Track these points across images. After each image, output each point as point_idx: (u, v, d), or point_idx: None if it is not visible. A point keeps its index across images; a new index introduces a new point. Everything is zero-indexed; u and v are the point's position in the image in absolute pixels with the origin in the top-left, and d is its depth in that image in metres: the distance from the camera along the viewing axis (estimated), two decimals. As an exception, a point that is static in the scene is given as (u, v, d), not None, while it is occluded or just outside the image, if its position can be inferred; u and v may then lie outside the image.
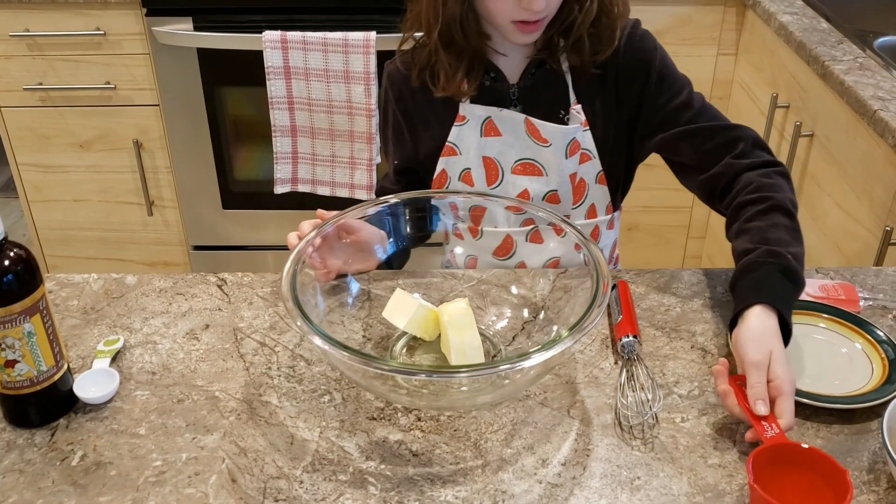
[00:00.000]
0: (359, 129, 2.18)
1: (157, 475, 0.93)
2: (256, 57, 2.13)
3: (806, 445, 0.91)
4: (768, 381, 0.97)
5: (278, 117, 2.18)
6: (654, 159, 2.34)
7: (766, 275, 1.06)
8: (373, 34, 2.08)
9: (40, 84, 2.30)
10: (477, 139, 1.31)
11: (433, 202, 1.25)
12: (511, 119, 1.29)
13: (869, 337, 1.09)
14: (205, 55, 2.25)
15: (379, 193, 1.45)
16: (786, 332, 1.02)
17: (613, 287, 1.19)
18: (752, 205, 1.16)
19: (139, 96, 2.32)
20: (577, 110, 1.29)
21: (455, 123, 1.32)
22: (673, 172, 1.34)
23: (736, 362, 1.03)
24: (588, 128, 1.29)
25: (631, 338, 1.08)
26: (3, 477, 0.93)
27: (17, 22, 2.23)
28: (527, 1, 1.15)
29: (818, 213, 1.87)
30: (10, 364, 0.95)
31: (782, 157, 2.01)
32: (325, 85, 2.13)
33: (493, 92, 1.30)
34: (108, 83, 2.30)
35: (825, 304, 1.15)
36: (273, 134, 2.20)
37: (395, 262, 1.26)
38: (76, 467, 0.94)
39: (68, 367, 1.02)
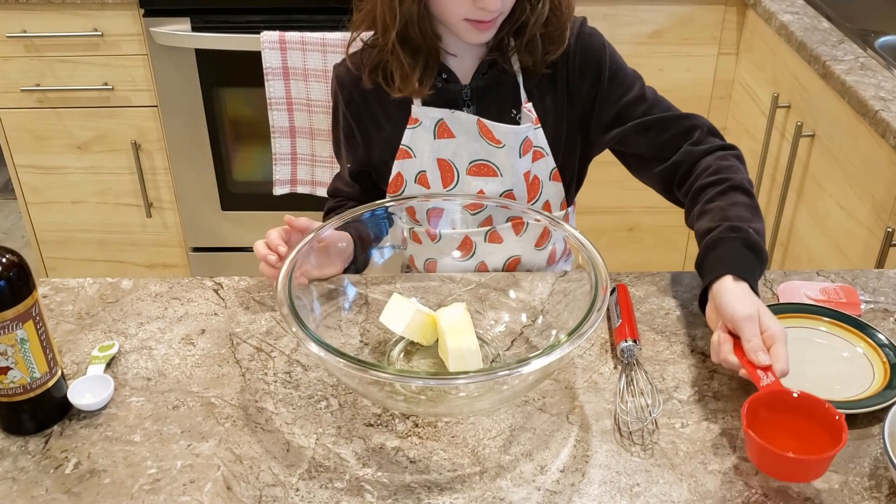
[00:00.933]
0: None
1: (152, 483, 0.93)
2: (255, 58, 2.11)
3: (796, 393, 0.94)
4: (761, 333, 0.99)
5: (277, 118, 2.17)
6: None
7: (730, 249, 1.09)
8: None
9: (38, 85, 2.29)
10: (431, 141, 1.31)
11: (391, 209, 1.25)
12: (464, 121, 1.29)
13: (870, 341, 1.08)
14: (203, 56, 2.24)
15: (331, 194, 1.46)
16: None
17: (612, 291, 1.18)
18: (711, 187, 1.19)
19: (137, 97, 2.31)
20: (528, 108, 1.29)
21: (408, 126, 1.31)
22: (626, 167, 1.36)
23: (713, 327, 1.05)
24: (539, 125, 1.30)
25: (630, 342, 1.07)
26: (-3, 485, 0.92)
27: (14, 23, 2.22)
28: (481, 1, 1.15)
29: (819, 214, 1.86)
30: (3, 371, 0.94)
31: (783, 158, 2.00)
32: (324, 86, 2.12)
33: (446, 93, 1.30)
34: (106, 84, 2.29)
35: (826, 308, 1.14)
36: (272, 135, 2.19)
37: (359, 267, 1.26)
38: (70, 475, 0.94)
39: (62, 373, 1.01)
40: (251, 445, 0.97)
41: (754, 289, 1.05)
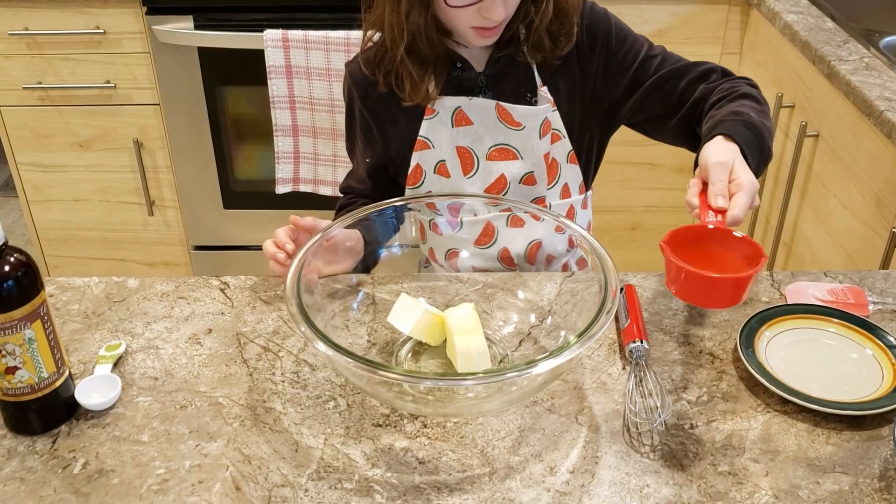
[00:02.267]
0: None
1: (161, 483, 0.92)
2: (258, 56, 2.11)
3: (712, 225, 0.96)
4: (730, 181, 1.01)
5: (280, 117, 2.17)
6: (656, 158, 2.32)
7: (729, 125, 1.11)
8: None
9: (40, 83, 2.29)
10: (449, 130, 1.32)
11: (410, 206, 1.25)
12: (482, 106, 1.30)
13: (879, 342, 1.08)
14: (206, 54, 2.23)
15: (343, 191, 1.46)
16: None
17: (620, 290, 1.18)
18: (721, 100, 1.22)
19: (139, 95, 2.31)
20: (544, 91, 1.31)
21: (425, 117, 1.32)
22: (645, 132, 1.38)
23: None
24: (556, 108, 1.32)
25: (639, 343, 1.07)
26: (4, 485, 0.92)
27: (16, 20, 2.21)
28: (486, 11, 1.17)
29: (823, 214, 1.86)
30: (11, 371, 0.94)
31: (787, 157, 2.00)
32: (327, 84, 2.12)
33: (462, 81, 1.31)
34: (108, 82, 2.28)
35: (834, 309, 1.14)
36: (275, 133, 2.19)
37: (369, 265, 1.27)
38: (78, 475, 0.93)
39: (70, 373, 1.00)
40: (259, 446, 0.97)
41: (745, 157, 1.06)
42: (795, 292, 1.19)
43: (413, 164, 1.34)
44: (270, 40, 2.07)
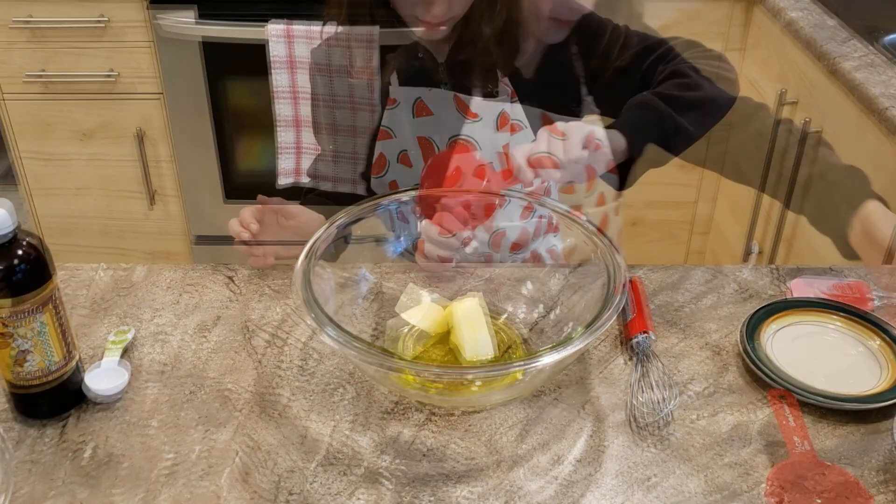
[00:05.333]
0: (361, 125, 2.17)
1: (170, 469, 0.93)
2: (260, 48, 2.11)
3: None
4: None
5: (282, 109, 2.16)
6: (657, 155, 2.32)
7: (626, 111, 1.20)
8: (376, 28, 2.06)
9: (42, 72, 2.28)
10: (410, 120, 1.34)
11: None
12: (441, 97, 1.32)
13: (883, 337, 1.09)
14: (209, 46, 2.23)
15: (311, 175, 1.49)
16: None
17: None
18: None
19: (142, 86, 2.31)
20: (505, 82, 1.31)
21: (387, 107, 1.34)
22: None
23: None
24: (516, 98, 1.32)
25: (645, 335, 1.08)
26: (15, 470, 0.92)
27: (19, 9, 2.21)
28: (427, 5, 1.20)
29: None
30: (22, 356, 0.94)
31: (790, 154, 2.00)
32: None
33: (423, 71, 1.33)
34: (111, 72, 2.28)
35: (839, 303, 1.14)
36: (276, 126, 2.19)
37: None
38: (87, 461, 0.94)
39: (79, 359, 1.01)
40: (268, 434, 0.97)
41: (631, 134, 1.15)
42: (800, 287, 1.20)
43: (377, 153, 1.36)
44: (273, 32, 2.07)
